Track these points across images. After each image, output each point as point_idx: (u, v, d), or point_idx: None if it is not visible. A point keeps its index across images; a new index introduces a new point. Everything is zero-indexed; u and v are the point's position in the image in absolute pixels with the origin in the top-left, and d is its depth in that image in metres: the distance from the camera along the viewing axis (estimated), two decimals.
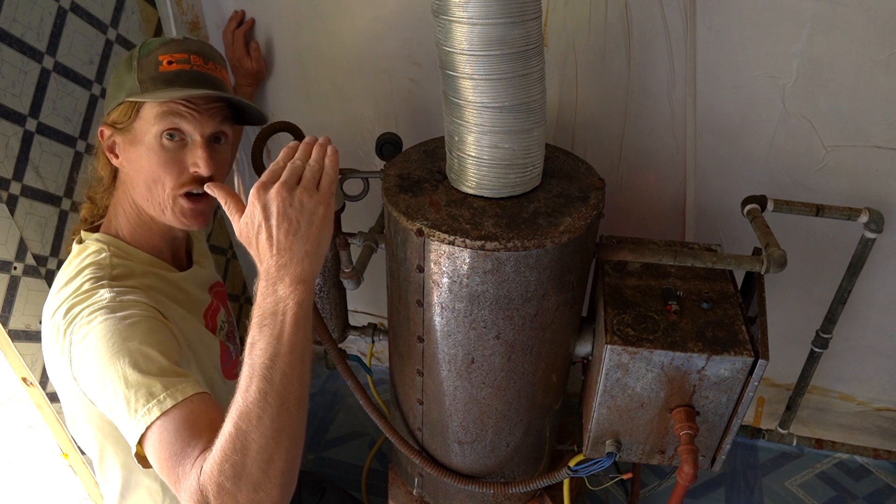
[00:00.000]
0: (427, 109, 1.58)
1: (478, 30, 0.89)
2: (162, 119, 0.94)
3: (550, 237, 0.98)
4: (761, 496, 1.81)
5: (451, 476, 1.30)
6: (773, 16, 1.26)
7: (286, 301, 0.74)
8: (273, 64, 1.64)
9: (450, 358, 1.14)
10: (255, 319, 0.75)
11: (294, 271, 0.75)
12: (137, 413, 0.79)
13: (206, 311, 1.14)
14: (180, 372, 0.84)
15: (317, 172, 0.80)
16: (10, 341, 1.17)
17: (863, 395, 1.82)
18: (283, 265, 0.75)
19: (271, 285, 0.75)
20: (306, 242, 0.76)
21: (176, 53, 0.96)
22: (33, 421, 1.44)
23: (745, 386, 1.08)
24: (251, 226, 0.77)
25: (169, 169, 0.96)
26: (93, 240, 1.01)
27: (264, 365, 0.72)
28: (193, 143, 0.97)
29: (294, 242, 0.75)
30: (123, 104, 0.95)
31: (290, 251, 0.75)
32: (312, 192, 0.77)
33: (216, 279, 1.23)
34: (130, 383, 0.80)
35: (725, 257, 1.10)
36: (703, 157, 1.48)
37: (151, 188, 0.97)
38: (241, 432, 0.70)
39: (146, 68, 0.95)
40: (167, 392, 0.80)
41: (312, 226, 0.76)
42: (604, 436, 1.20)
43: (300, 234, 0.76)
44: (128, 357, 0.82)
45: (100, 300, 0.89)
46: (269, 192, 0.76)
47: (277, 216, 0.75)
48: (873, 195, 1.42)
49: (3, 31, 1.07)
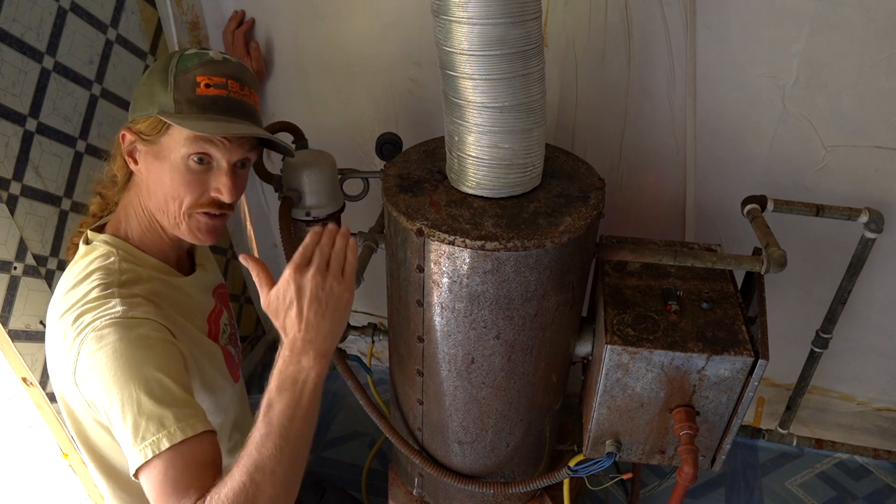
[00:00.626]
0: (427, 109, 1.58)
1: (478, 30, 0.89)
2: (192, 143, 0.94)
3: (550, 237, 0.98)
4: (761, 496, 1.81)
5: (451, 476, 1.30)
6: (773, 16, 1.26)
7: (308, 372, 0.83)
8: (273, 64, 1.64)
9: (450, 358, 1.14)
10: (275, 382, 0.83)
11: (318, 347, 0.84)
12: (145, 440, 0.82)
13: (210, 314, 1.15)
14: (191, 402, 0.88)
15: (342, 260, 0.89)
16: (10, 341, 1.17)
17: (863, 395, 1.82)
18: (309, 340, 0.84)
19: (296, 356, 0.83)
20: (332, 323, 0.86)
21: (214, 76, 0.95)
22: (33, 421, 1.44)
23: (745, 386, 1.08)
24: (282, 300, 0.85)
25: (191, 190, 0.97)
26: (100, 241, 1.00)
27: (282, 425, 0.80)
28: (219, 169, 0.98)
29: (321, 322, 0.84)
30: (154, 118, 0.94)
31: (317, 329, 0.84)
32: (340, 280, 0.87)
33: (219, 281, 1.23)
34: (143, 410, 0.83)
35: (725, 257, 1.10)
36: (703, 157, 1.48)
37: (169, 203, 0.98)
38: (254, 483, 0.77)
39: (182, 88, 0.94)
40: (178, 425, 0.83)
41: (338, 310, 0.87)
42: (604, 436, 1.20)
43: (327, 316, 0.85)
44: (143, 384, 0.84)
45: (112, 313, 0.89)
46: (306, 275, 0.85)
47: (310, 298, 0.84)
48: (873, 195, 1.42)
49: (3, 31, 1.07)
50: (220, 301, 1.20)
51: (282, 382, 0.82)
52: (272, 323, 0.87)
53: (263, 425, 0.80)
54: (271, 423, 0.80)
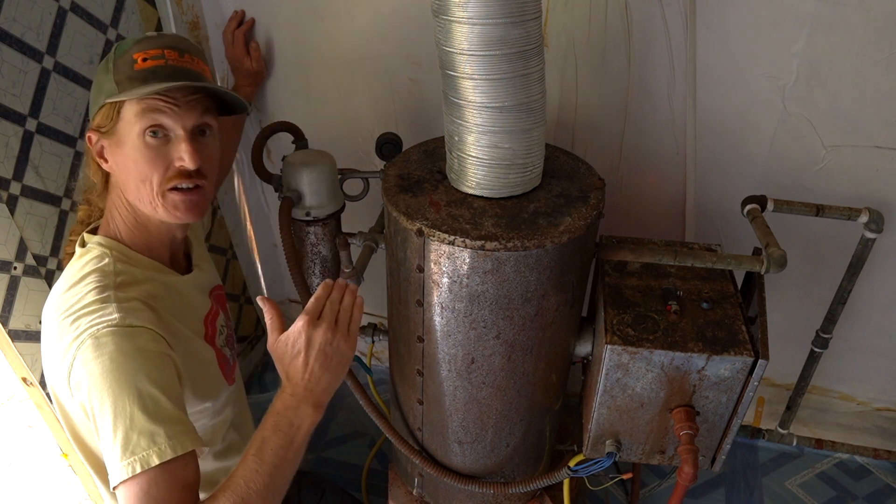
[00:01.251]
0: (427, 109, 1.58)
1: (478, 30, 0.89)
2: (142, 117, 0.93)
3: (550, 237, 0.98)
4: (761, 496, 1.81)
5: (451, 476, 1.30)
6: (773, 16, 1.26)
7: (304, 419, 0.89)
8: (273, 64, 1.64)
9: (450, 358, 1.14)
10: (271, 422, 0.88)
11: (317, 398, 0.90)
12: (135, 455, 0.82)
13: (207, 316, 1.14)
14: (183, 419, 0.89)
15: (349, 318, 0.95)
16: (10, 341, 1.17)
17: (863, 395, 1.82)
18: (310, 390, 0.90)
19: (296, 400, 0.89)
20: (332, 376, 0.92)
21: (150, 50, 0.95)
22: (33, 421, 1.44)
23: (745, 386, 1.08)
24: (290, 348, 0.90)
25: (155, 165, 0.96)
26: (95, 243, 1.00)
27: (273, 464, 0.85)
28: (177, 138, 0.97)
29: (324, 374, 0.90)
30: (105, 107, 0.95)
31: (319, 380, 0.90)
32: (346, 338, 0.93)
33: (217, 282, 1.23)
34: (135, 425, 0.84)
35: (725, 257, 1.10)
36: (703, 157, 1.48)
37: (140, 187, 0.97)
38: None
39: (121, 68, 0.94)
40: (169, 443, 0.84)
41: (341, 365, 0.93)
42: (604, 436, 1.20)
43: (330, 369, 0.91)
44: (137, 398, 0.85)
45: (109, 320, 0.89)
46: (318, 328, 0.90)
47: (318, 351, 0.90)
48: (873, 195, 1.42)
49: (3, 31, 1.07)
50: (217, 302, 1.20)
51: (278, 423, 0.87)
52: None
53: (254, 461, 0.85)
54: (263, 460, 0.85)
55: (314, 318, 0.92)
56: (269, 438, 0.86)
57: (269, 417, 0.88)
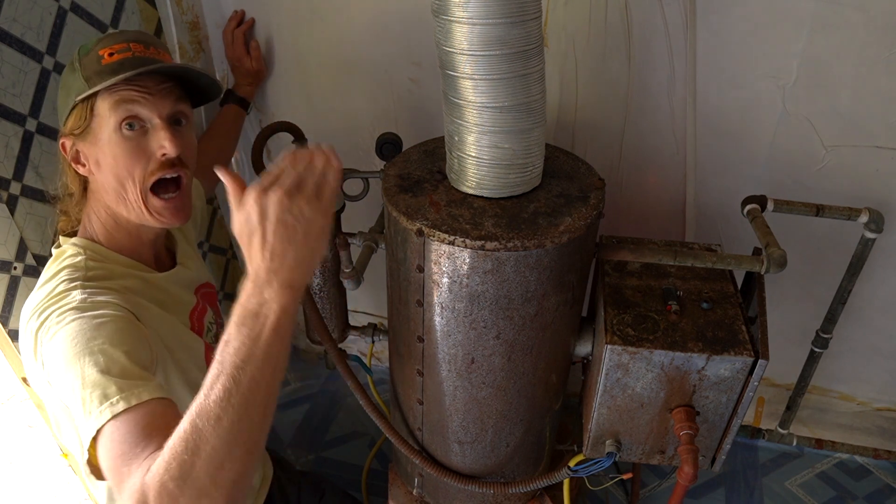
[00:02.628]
0: (427, 109, 1.58)
1: (478, 30, 0.89)
2: (117, 109, 0.92)
3: (550, 237, 0.98)
4: (761, 496, 1.81)
5: (451, 476, 1.30)
6: (773, 16, 1.26)
7: (270, 304, 0.71)
8: (273, 64, 1.64)
9: (450, 358, 1.14)
10: (234, 318, 0.72)
11: (284, 276, 0.72)
12: (91, 415, 0.77)
13: (192, 312, 1.13)
14: (142, 375, 0.82)
15: (319, 182, 0.76)
16: (10, 341, 1.17)
17: (863, 395, 1.82)
18: (273, 270, 0.72)
19: (258, 287, 0.72)
20: (301, 250, 0.73)
21: (115, 45, 0.94)
22: (33, 421, 1.44)
23: (745, 386, 1.08)
24: (245, 227, 0.73)
25: (135, 159, 0.95)
26: (70, 244, 1.00)
27: (235, 365, 0.69)
28: (154, 128, 0.96)
29: (288, 249, 0.72)
30: (76, 108, 0.93)
31: (283, 257, 0.72)
32: (313, 201, 0.74)
33: (204, 280, 1.22)
34: (87, 383, 0.79)
35: (725, 257, 1.10)
36: (703, 157, 1.48)
37: (123, 185, 0.96)
38: (196, 430, 0.67)
39: (89, 65, 0.93)
40: (122, 395, 0.78)
41: (309, 235, 0.73)
42: (604, 436, 1.20)
43: (295, 242, 0.72)
44: (89, 356, 0.81)
45: (71, 301, 0.88)
46: (269, 196, 0.72)
47: (275, 222, 0.72)
48: (873, 195, 1.42)
49: (3, 31, 1.07)
50: (205, 300, 1.19)
51: (241, 317, 0.71)
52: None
53: (216, 366, 0.70)
54: (223, 362, 0.70)
55: (269, 186, 0.73)
56: (231, 337, 0.70)
57: (233, 314, 0.72)
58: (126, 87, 0.92)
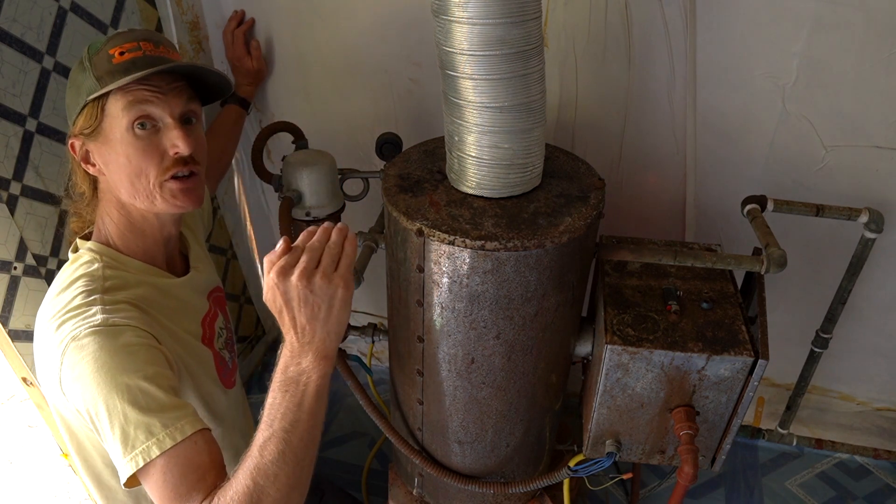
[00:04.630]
0: (427, 109, 1.58)
1: (478, 30, 0.89)
2: (129, 109, 0.92)
3: (550, 237, 0.98)
4: (761, 496, 1.81)
5: (451, 476, 1.30)
6: (773, 16, 1.26)
7: (309, 373, 0.80)
8: (273, 64, 1.64)
9: (450, 358, 1.14)
10: (277, 383, 0.81)
11: (318, 348, 0.81)
12: (136, 449, 0.81)
13: (204, 318, 1.14)
14: (178, 405, 0.86)
15: (336, 255, 0.81)
16: (10, 341, 1.17)
17: (863, 395, 1.82)
18: (306, 343, 0.80)
19: (296, 357, 0.81)
20: (327, 324, 0.80)
21: (126, 44, 0.94)
22: (33, 421, 1.45)
23: (745, 386, 1.08)
24: (273, 305, 0.81)
25: (149, 157, 0.95)
26: (86, 249, 1.00)
27: (284, 428, 0.79)
28: (166, 127, 0.96)
29: (316, 325, 0.80)
30: (87, 107, 0.93)
31: (313, 333, 0.80)
32: (331, 276, 0.79)
33: (215, 284, 1.22)
34: (130, 421, 0.82)
35: (725, 257, 1.10)
36: (703, 157, 1.48)
37: (135, 182, 0.96)
38: (258, 487, 0.77)
39: (100, 65, 0.93)
40: (166, 431, 0.82)
41: (333, 308, 0.80)
42: (604, 436, 1.20)
43: (321, 318, 0.80)
44: (126, 394, 0.83)
45: (92, 321, 0.88)
46: (289, 280, 0.78)
47: (298, 303, 0.79)
48: (873, 195, 1.42)
49: (3, 31, 1.07)
50: (216, 304, 1.19)
51: (283, 384, 0.81)
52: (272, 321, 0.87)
53: (266, 428, 0.79)
54: (273, 426, 0.79)
55: (286, 267, 0.79)
56: (276, 401, 0.80)
57: (275, 380, 0.82)
58: (138, 86, 0.92)
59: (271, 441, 0.78)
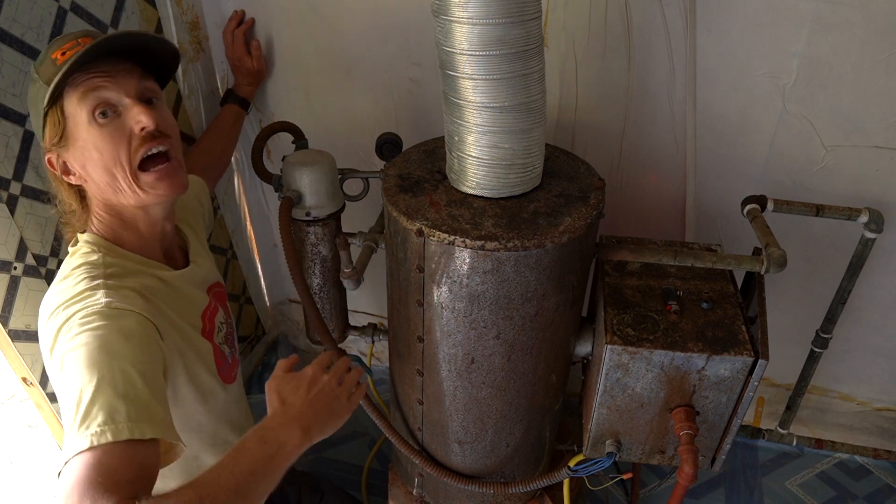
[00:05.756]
0: (427, 109, 1.58)
1: (478, 30, 0.89)
2: (84, 100, 0.91)
3: (550, 237, 0.98)
4: (761, 496, 1.81)
5: (451, 476, 1.30)
6: (773, 16, 1.26)
7: (291, 439, 0.91)
8: (273, 64, 1.64)
9: (450, 358, 1.14)
10: (258, 433, 0.89)
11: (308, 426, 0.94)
12: (89, 428, 0.77)
13: (204, 312, 1.14)
14: (153, 407, 0.84)
15: (351, 387, 1.04)
16: (10, 341, 1.17)
17: (863, 395, 1.82)
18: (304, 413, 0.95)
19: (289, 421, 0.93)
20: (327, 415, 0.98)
21: (65, 45, 0.93)
22: (33, 421, 1.45)
23: (745, 386, 1.08)
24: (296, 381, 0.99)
25: (117, 141, 0.94)
26: (83, 241, 1.00)
27: (248, 470, 0.84)
28: (126, 108, 0.95)
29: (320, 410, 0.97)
30: (49, 116, 0.93)
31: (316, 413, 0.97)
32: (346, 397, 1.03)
33: (215, 279, 1.22)
34: (97, 398, 0.80)
35: (725, 257, 1.10)
36: (703, 157, 1.48)
37: (114, 172, 0.95)
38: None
39: (45, 71, 0.92)
40: (129, 424, 0.79)
41: (333, 413, 0.99)
42: (604, 436, 1.20)
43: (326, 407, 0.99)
44: (109, 373, 0.82)
45: (95, 304, 0.89)
46: (325, 375, 1.01)
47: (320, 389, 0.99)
48: (873, 195, 1.42)
49: (3, 31, 1.07)
50: (216, 299, 1.19)
51: (265, 436, 0.89)
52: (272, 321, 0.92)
53: (231, 463, 0.83)
54: (239, 464, 0.83)
55: (324, 366, 1.02)
56: (251, 447, 0.87)
57: (258, 429, 0.90)
58: (86, 76, 0.91)
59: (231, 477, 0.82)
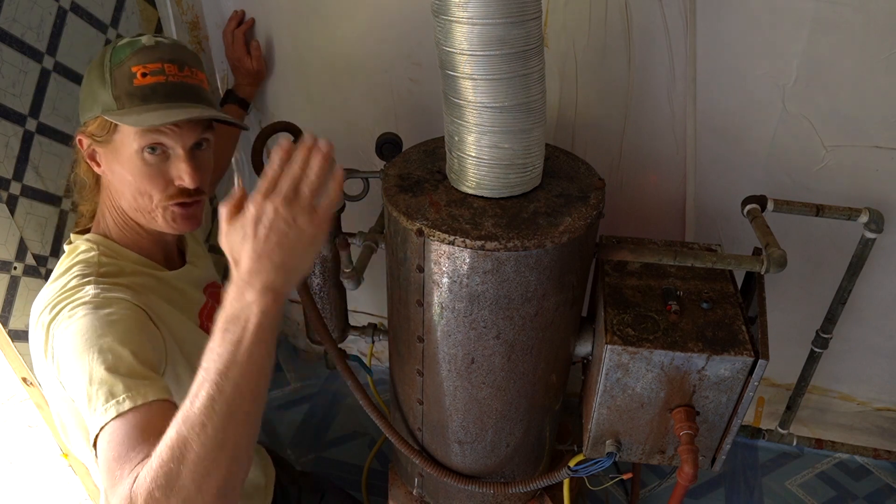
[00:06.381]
0: (427, 109, 1.58)
1: (478, 30, 0.89)
2: (142, 136, 0.92)
3: (550, 237, 0.98)
4: (761, 496, 1.81)
5: (451, 476, 1.30)
6: (773, 16, 1.26)
7: (251, 307, 0.70)
8: (273, 64, 1.64)
9: (450, 358, 1.14)
10: (218, 324, 0.71)
11: (265, 279, 0.71)
12: (96, 412, 0.78)
13: (202, 310, 1.14)
14: (147, 375, 0.83)
15: (317, 189, 0.73)
16: (10, 341, 1.17)
17: (863, 395, 1.82)
18: (256, 271, 0.71)
19: (240, 290, 0.71)
20: (287, 254, 0.72)
21: (149, 64, 0.92)
22: (33, 421, 1.45)
23: (745, 386, 1.08)
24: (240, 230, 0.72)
25: (154, 183, 0.96)
26: (82, 240, 1.01)
27: (218, 371, 0.68)
28: (176, 157, 0.96)
29: (275, 251, 0.71)
30: (100, 118, 0.93)
31: (269, 259, 0.71)
32: (311, 214, 0.72)
33: (212, 279, 1.23)
34: (94, 379, 0.80)
35: (725, 257, 1.10)
36: (703, 157, 1.48)
37: (138, 199, 0.97)
38: (181, 438, 0.67)
39: (120, 83, 0.92)
40: (128, 394, 0.79)
41: (299, 243, 0.72)
42: (604, 436, 1.20)
43: (283, 246, 0.71)
44: (98, 353, 0.82)
45: (84, 296, 0.89)
46: (268, 203, 0.71)
47: (268, 226, 0.71)
48: (873, 195, 1.42)
49: (3, 31, 1.07)
50: (214, 299, 1.19)
51: (225, 322, 0.71)
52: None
53: (201, 372, 0.70)
54: (208, 369, 0.69)
55: (269, 191, 0.72)
56: (215, 344, 0.70)
57: (217, 320, 0.72)
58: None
59: (203, 387, 0.68)
